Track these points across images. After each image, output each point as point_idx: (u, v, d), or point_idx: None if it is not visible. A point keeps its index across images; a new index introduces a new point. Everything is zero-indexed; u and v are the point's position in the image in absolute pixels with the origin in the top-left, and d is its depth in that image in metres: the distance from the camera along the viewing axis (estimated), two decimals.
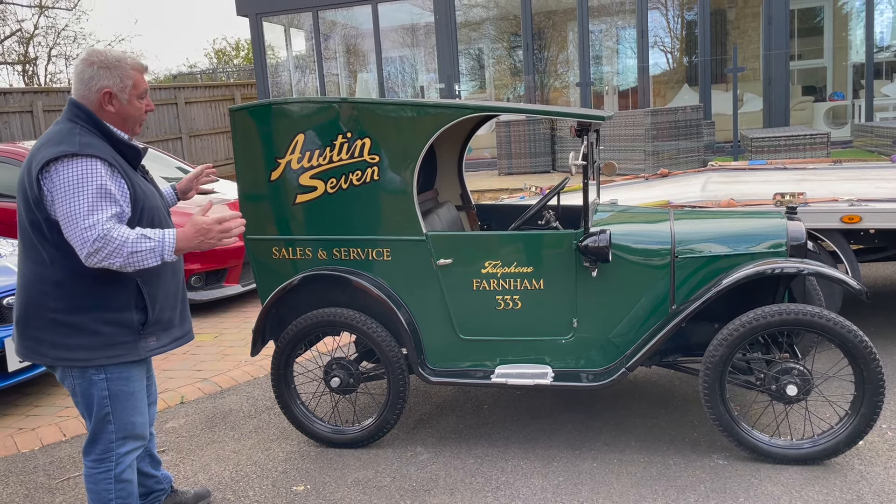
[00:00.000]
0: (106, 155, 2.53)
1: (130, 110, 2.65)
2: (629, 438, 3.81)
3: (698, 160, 9.68)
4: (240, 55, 31.62)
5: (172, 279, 2.82)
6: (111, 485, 2.75)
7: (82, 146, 2.48)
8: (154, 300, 2.70)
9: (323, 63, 14.11)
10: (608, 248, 3.43)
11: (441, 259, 3.65)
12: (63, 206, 2.45)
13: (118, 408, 2.71)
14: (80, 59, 2.61)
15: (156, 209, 2.73)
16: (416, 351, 3.72)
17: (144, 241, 2.48)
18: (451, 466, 3.66)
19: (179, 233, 2.54)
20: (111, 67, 2.59)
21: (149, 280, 2.68)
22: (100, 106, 2.60)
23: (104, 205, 2.46)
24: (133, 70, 2.63)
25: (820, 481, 3.29)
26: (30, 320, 2.64)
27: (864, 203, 4.59)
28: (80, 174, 2.45)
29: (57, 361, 2.66)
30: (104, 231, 2.42)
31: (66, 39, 25.05)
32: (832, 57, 13.14)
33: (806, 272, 3.37)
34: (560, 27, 14.19)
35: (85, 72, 2.58)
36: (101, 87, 2.58)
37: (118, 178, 2.56)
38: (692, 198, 5.15)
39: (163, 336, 2.77)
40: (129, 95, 2.62)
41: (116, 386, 2.69)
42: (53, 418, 4.54)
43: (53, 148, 2.48)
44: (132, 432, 2.77)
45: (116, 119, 2.63)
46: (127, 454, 2.78)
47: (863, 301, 3.48)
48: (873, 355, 3.24)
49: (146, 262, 2.49)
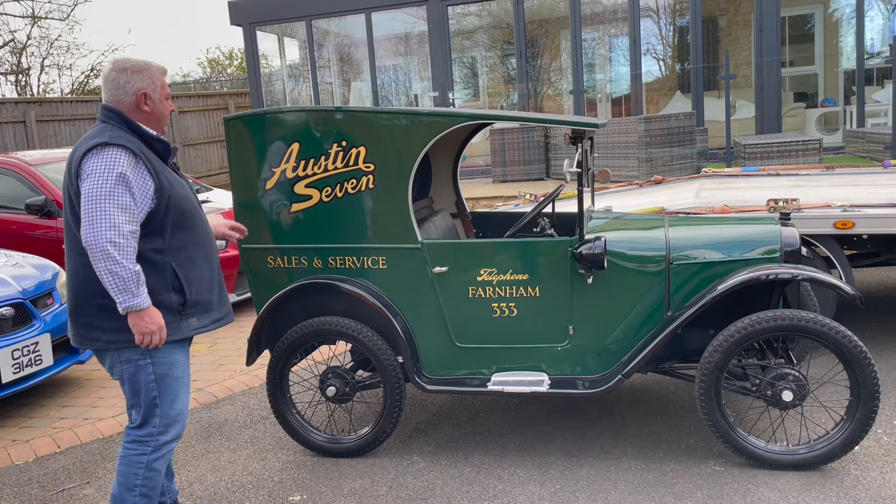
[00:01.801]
0: (133, 146, 2.72)
1: (162, 109, 2.88)
2: (626, 445, 3.81)
3: (692, 167, 9.71)
4: (233, 64, 31.63)
5: (206, 264, 2.94)
6: (141, 469, 2.87)
7: (113, 137, 2.70)
8: (189, 282, 2.85)
9: (317, 72, 14.12)
10: (603, 254, 3.44)
11: (436, 267, 3.65)
12: (86, 186, 2.64)
13: (164, 392, 2.86)
14: (111, 68, 2.80)
15: (184, 198, 2.88)
16: (412, 359, 3.72)
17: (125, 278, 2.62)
18: (447, 475, 3.65)
19: (149, 311, 2.70)
20: (142, 71, 2.81)
21: (182, 264, 2.84)
22: (136, 107, 2.81)
23: (120, 190, 2.63)
24: (159, 73, 2.87)
25: (816, 487, 3.29)
26: (80, 308, 2.81)
27: (857, 209, 4.61)
28: (105, 161, 2.66)
29: (109, 344, 2.80)
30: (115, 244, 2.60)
31: (59, 49, 25.03)
32: (823, 63, 13.22)
33: (800, 278, 3.39)
34: (553, 35, 14.25)
35: (119, 78, 2.79)
36: (138, 89, 2.80)
37: (141, 169, 2.73)
38: (686, 204, 5.17)
39: (203, 317, 2.91)
40: (160, 95, 2.86)
41: (162, 370, 2.84)
42: (48, 430, 4.51)
43: (88, 142, 2.72)
44: (175, 419, 2.91)
45: (150, 118, 2.85)
46: (166, 444, 2.91)
47: (857, 306, 3.49)
48: (868, 360, 3.25)
49: (108, 288, 2.64)
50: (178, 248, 2.83)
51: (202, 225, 2.97)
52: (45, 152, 8.12)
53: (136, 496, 2.88)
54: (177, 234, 2.83)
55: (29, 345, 4.63)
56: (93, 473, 3.98)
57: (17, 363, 4.55)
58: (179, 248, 2.83)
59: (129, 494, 2.88)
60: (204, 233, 2.97)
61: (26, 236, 6.99)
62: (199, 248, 2.91)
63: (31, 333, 4.68)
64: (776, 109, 11.29)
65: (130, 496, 2.88)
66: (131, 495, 2.88)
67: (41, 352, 4.71)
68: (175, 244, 2.82)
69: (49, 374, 4.82)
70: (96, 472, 3.99)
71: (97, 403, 4.91)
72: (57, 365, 4.89)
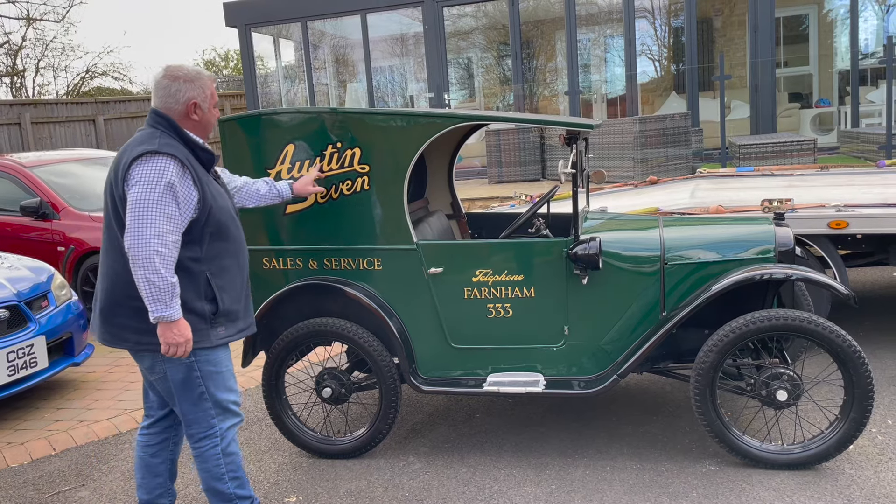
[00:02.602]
0: (181, 155, 2.76)
1: (210, 118, 2.93)
2: (621, 445, 3.82)
3: (687, 167, 9.73)
4: (229, 66, 31.61)
5: (238, 274, 2.98)
6: (220, 459, 2.96)
7: (161, 146, 2.74)
8: (222, 292, 2.88)
9: (312, 73, 14.11)
10: (598, 255, 3.45)
11: (432, 268, 3.65)
12: (133, 193, 2.68)
13: (211, 386, 2.91)
14: (163, 75, 2.85)
15: (223, 209, 2.92)
16: (408, 360, 3.72)
17: (161, 289, 2.66)
18: (443, 476, 3.65)
19: (179, 323, 2.72)
20: (194, 80, 2.86)
21: (218, 273, 2.87)
22: (185, 115, 2.85)
23: (167, 199, 2.68)
24: (210, 82, 2.92)
25: (811, 486, 3.30)
26: (114, 308, 2.85)
27: (851, 209, 4.63)
28: (155, 170, 2.70)
29: (139, 346, 2.85)
30: (159, 253, 2.65)
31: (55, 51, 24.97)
32: (818, 64, 13.25)
33: (794, 278, 3.40)
34: (548, 36, 14.26)
35: (171, 86, 2.83)
36: (189, 98, 2.84)
37: (187, 179, 2.77)
38: (681, 205, 5.18)
39: (230, 326, 2.94)
40: (209, 105, 2.91)
41: (205, 367, 2.89)
42: (43, 432, 4.50)
43: (137, 148, 2.75)
44: (228, 408, 2.97)
45: (197, 126, 2.90)
46: (229, 429, 2.98)
47: (851, 306, 3.50)
48: (862, 360, 3.27)
49: (143, 295, 2.68)
50: (214, 257, 2.86)
51: (237, 234, 3.01)
52: (39, 154, 8.11)
53: (226, 483, 2.98)
54: (214, 243, 2.87)
55: (24, 347, 4.62)
56: (88, 476, 3.97)
57: (11, 365, 4.54)
58: (215, 257, 2.87)
59: (220, 483, 2.98)
60: (238, 242, 3.01)
61: (21, 238, 6.98)
62: (233, 258, 2.95)
63: (26, 336, 4.68)
64: (771, 110, 11.31)
65: (222, 484, 2.98)
66: (222, 483, 2.98)
67: (36, 354, 4.70)
68: (211, 253, 2.86)
69: (44, 376, 4.81)
70: (91, 474, 3.99)
71: (92, 406, 4.90)
72: (52, 367, 4.88)
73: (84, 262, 6.72)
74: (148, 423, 3.14)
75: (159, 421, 3.13)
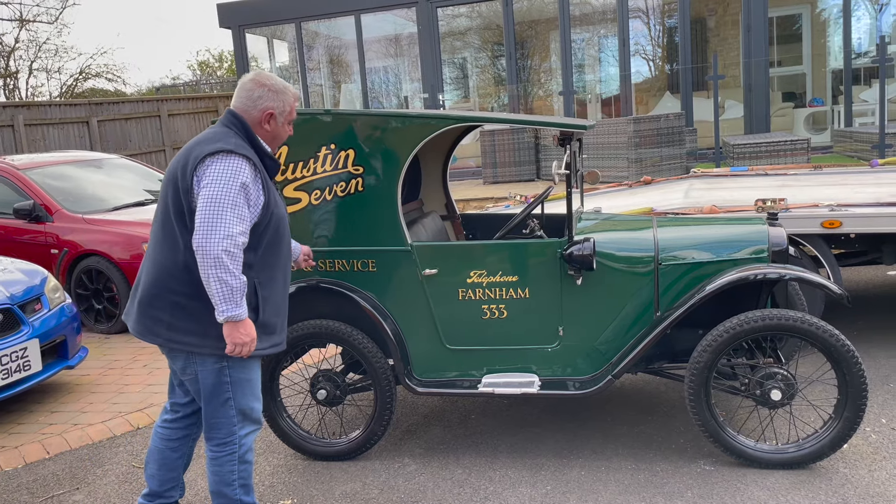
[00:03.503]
0: (254, 158, 2.80)
1: (281, 132, 2.96)
2: (616, 445, 3.82)
3: (681, 167, 9.75)
4: (223, 66, 31.56)
5: (282, 287, 2.98)
6: (235, 466, 2.95)
7: (237, 146, 2.76)
8: (265, 303, 2.88)
9: (307, 74, 14.10)
10: (592, 256, 3.45)
11: (426, 269, 3.65)
12: (207, 191, 2.68)
13: (238, 393, 2.90)
14: (251, 78, 2.89)
15: (282, 218, 2.96)
16: (403, 362, 3.71)
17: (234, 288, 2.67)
18: (439, 477, 3.65)
19: (246, 322, 2.74)
20: (278, 93, 2.88)
21: (265, 284, 2.87)
22: (259, 122, 2.88)
23: (241, 200, 2.69)
24: (293, 99, 2.95)
25: (805, 485, 3.31)
26: (153, 300, 2.83)
27: (845, 208, 4.64)
28: (230, 169, 2.71)
29: (168, 343, 2.85)
30: (229, 252, 2.64)
31: (48, 53, 24.91)
32: (811, 63, 13.29)
33: (788, 277, 3.41)
34: (543, 36, 14.28)
35: (254, 91, 2.86)
36: (266, 107, 2.87)
37: (258, 182, 2.80)
38: (675, 205, 5.19)
39: (264, 339, 2.89)
40: (284, 120, 2.93)
41: (237, 374, 2.88)
42: (37, 436, 4.49)
43: (211, 145, 2.75)
44: (251, 416, 2.96)
45: (267, 136, 2.93)
46: (247, 436, 2.97)
47: (844, 305, 3.51)
48: (856, 359, 3.28)
49: (213, 294, 2.67)
50: (265, 266, 2.88)
51: (287, 247, 3.01)
52: (33, 156, 8.07)
53: (235, 489, 2.98)
54: (268, 251, 2.89)
55: (17, 350, 4.60)
56: (82, 479, 3.96)
57: (5, 369, 4.52)
58: (265, 266, 2.88)
59: (228, 489, 2.97)
60: (287, 255, 3.02)
61: (14, 241, 6.95)
62: (280, 270, 2.95)
63: (19, 339, 4.66)
64: (764, 109, 11.34)
65: (230, 490, 2.98)
66: (231, 489, 2.97)
67: (30, 357, 4.68)
68: (263, 262, 2.87)
69: (38, 379, 4.79)
70: (86, 477, 3.98)
71: (86, 409, 4.89)
72: (46, 370, 4.86)
73: (78, 265, 6.71)
74: (173, 417, 3.16)
75: (185, 417, 3.15)
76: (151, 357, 5.86)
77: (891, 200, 4.72)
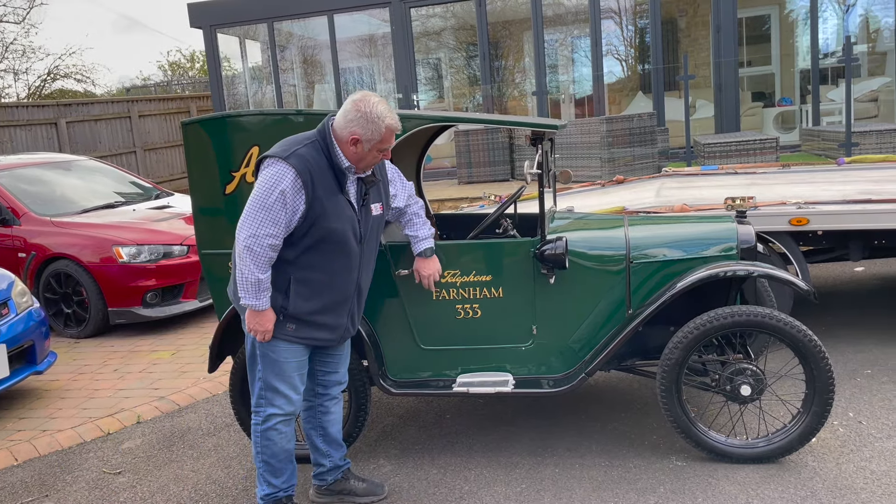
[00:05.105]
0: (306, 168, 2.89)
1: (367, 157, 3.01)
2: (590, 443, 3.85)
3: (653, 166, 9.83)
4: (195, 67, 31.23)
5: (327, 293, 3.06)
6: (258, 437, 3.14)
7: (295, 154, 2.90)
8: (297, 297, 3.02)
9: (280, 74, 14.00)
10: (565, 255, 3.47)
11: (400, 269, 3.64)
12: (253, 191, 2.91)
13: (265, 367, 3.09)
14: (354, 100, 2.97)
15: (335, 231, 2.99)
16: (377, 362, 3.71)
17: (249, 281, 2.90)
18: (414, 478, 3.65)
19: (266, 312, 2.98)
20: (370, 121, 2.93)
21: (301, 280, 3.02)
22: (346, 142, 2.97)
23: (278, 206, 2.86)
24: (387, 129, 2.97)
25: (775, 479, 3.36)
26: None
27: (812, 206, 4.72)
28: (273, 176, 2.88)
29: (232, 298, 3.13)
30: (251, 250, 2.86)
31: (15, 53, 24.43)
32: (780, 63, 13.48)
33: (756, 274, 3.46)
34: (516, 37, 14.33)
35: (350, 113, 2.95)
36: (354, 131, 2.94)
37: (299, 191, 2.89)
38: (646, 203, 5.24)
39: (302, 329, 3.06)
40: (372, 147, 2.98)
41: (263, 349, 3.07)
42: (5, 442, 4.41)
43: (274, 148, 2.97)
44: (277, 393, 3.10)
45: (354, 157, 2.99)
46: (271, 416, 3.11)
47: (812, 302, 3.57)
48: (823, 354, 3.33)
49: (237, 281, 2.94)
50: (305, 266, 3.00)
51: (345, 261, 3.06)
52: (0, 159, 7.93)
53: (259, 462, 3.19)
54: (310, 254, 2.99)
55: None
56: (52, 486, 3.90)
57: None
58: (305, 266, 3.00)
59: (256, 458, 3.20)
60: (344, 267, 3.06)
61: None
62: (327, 276, 3.03)
63: None
64: (734, 109, 11.48)
65: (257, 460, 3.20)
66: (257, 459, 3.19)
67: None
68: (303, 262, 2.99)
69: (5, 385, 4.71)
70: (55, 484, 3.91)
71: (55, 415, 4.81)
72: (14, 376, 4.78)
73: (46, 269, 6.59)
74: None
75: (305, 401, 3.32)
76: (121, 361, 5.79)
77: (857, 198, 4.81)
